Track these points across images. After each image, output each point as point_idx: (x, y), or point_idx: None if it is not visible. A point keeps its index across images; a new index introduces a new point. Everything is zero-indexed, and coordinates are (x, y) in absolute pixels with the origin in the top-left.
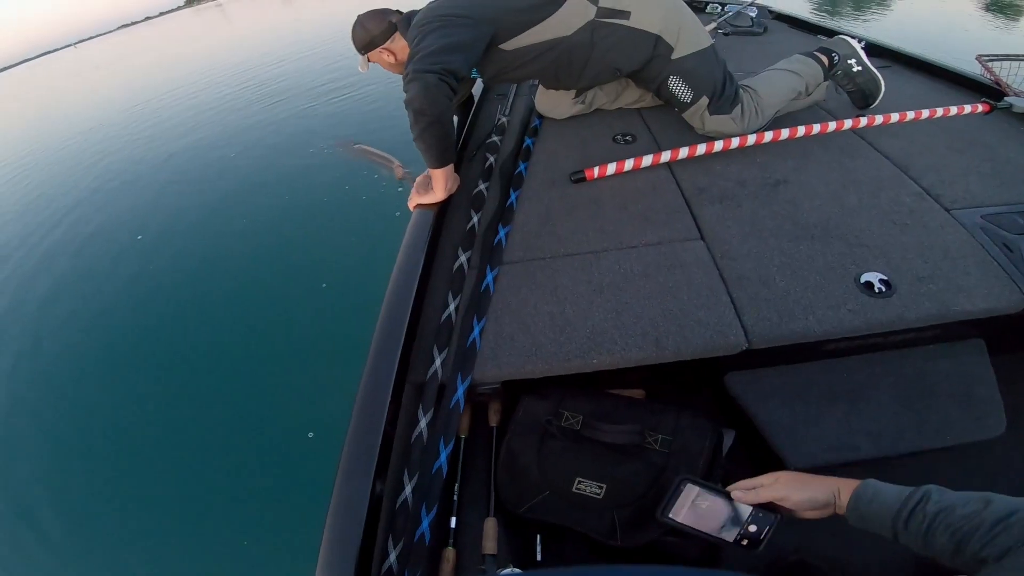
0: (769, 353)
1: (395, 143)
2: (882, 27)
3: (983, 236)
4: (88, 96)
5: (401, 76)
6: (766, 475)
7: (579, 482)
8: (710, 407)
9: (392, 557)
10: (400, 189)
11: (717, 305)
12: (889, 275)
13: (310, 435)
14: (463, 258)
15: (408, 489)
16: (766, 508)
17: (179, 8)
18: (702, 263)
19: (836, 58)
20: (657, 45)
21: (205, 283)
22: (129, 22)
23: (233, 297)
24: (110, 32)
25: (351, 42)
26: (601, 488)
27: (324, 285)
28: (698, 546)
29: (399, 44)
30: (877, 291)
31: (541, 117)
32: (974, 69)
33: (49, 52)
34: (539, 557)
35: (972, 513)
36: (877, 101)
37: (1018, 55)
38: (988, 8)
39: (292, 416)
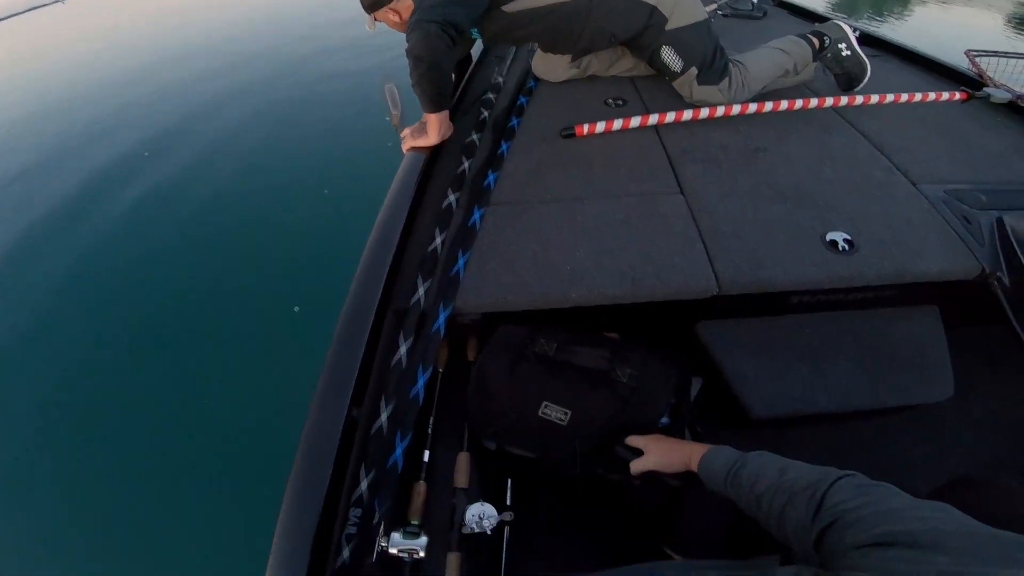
0: (738, 302)
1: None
2: (895, 31)
3: (945, 208)
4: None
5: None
6: (642, 438)
7: (546, 406)
8: (681, 355)
9: (364, 485)
10: (389, 125)
11: (692, 253)
12: (853, 236)
13: (296, 309)
14: (452, 198)
15: (384, 416)
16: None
17: None
18: (680, 215)
19: (827, 41)
20: (652, 15)
21: (222, 181)
22: None
23: (256, 191)
24: None
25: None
26: (566, 414)
27: (326, 191)
28: (663, 494)
29: (404, 4)
30: (841, 249)
31: (537, 79)
32: (964, 64)
33: (38, 7)
34: (508, 501)
35: (772, 478)
36: (862, 85)
37: (1006, 52)
38: (1009, 22)
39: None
